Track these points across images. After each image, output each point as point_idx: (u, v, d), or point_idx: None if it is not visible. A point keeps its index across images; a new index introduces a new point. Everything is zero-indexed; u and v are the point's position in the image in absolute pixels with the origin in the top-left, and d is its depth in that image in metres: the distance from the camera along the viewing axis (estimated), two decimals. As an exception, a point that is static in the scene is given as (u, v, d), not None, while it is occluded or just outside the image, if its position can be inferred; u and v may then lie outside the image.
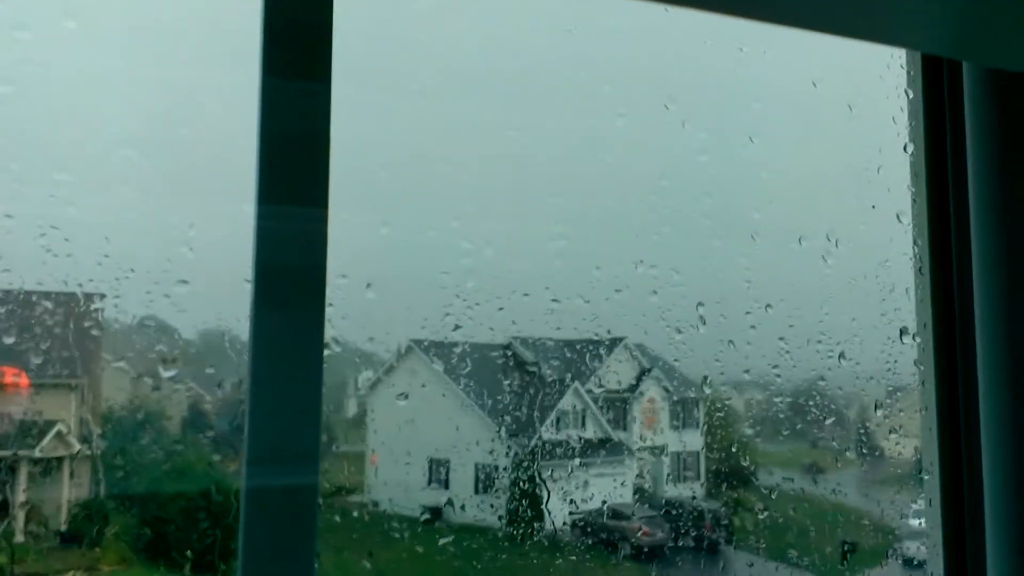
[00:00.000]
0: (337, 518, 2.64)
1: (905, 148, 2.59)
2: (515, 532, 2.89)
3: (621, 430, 3.26)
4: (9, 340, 2.14)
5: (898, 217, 2.61)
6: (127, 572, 2.44)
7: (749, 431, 3.12)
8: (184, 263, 2.00)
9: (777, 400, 2.85)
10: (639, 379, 3.25)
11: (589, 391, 3.14)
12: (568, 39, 2.71)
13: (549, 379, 2.99)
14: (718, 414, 3.16)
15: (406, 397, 2.83)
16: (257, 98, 1.63)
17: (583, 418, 3.14)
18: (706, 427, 3.28)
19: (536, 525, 2.91)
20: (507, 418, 2.99)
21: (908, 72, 2.63)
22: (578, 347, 2.97)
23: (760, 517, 3.11)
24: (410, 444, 2.87)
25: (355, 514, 2.73)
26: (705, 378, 2.81)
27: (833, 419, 2.95)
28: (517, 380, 2.97)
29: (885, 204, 2.67)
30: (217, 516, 2.49)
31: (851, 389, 2.85)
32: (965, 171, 2.43)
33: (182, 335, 2.06)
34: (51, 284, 1.94)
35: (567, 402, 3.09)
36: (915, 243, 2.53)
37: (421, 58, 2.56)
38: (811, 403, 2.92)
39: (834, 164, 2.99)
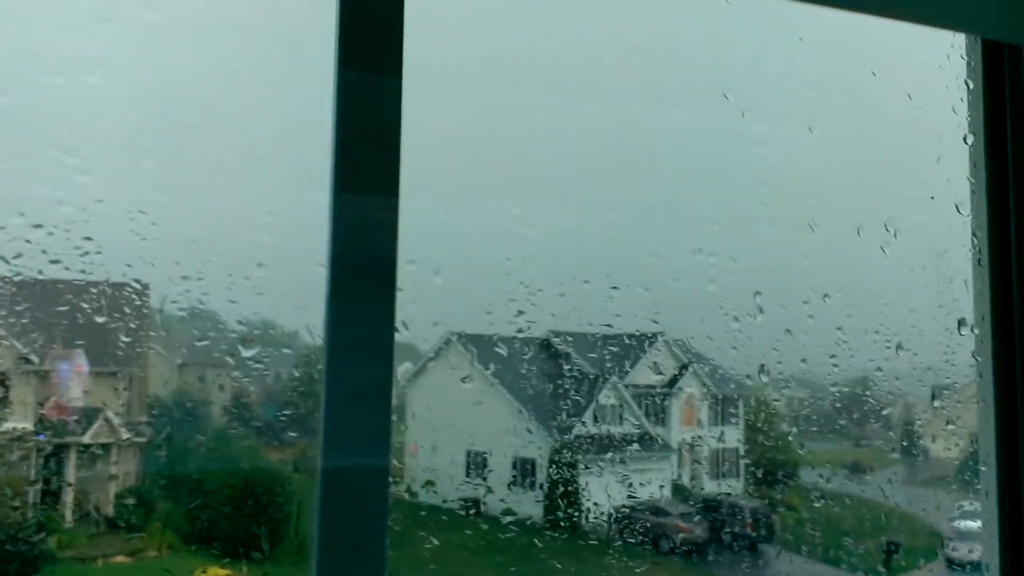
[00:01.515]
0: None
1: (965, 139, 2.58)
2: (553, 526, 2.90)
3: (661, 425, 3.27)
4: (59, 329, 2.20)
5: (957, 208, 2.60)
6: (172, 558, 2.47)
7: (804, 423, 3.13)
8: (262, 248, 2.05)
9: (833, 389, 2.86)
10: (679, 375, 3.27)
11: (628, 386, 3.15)
12: (628, 28, 2.73)
13: (587, 374, 3.00)
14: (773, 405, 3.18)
15: (466, 380, 2.86)
16: (332, 90, 1.67)
17: (621, 413, 3.15)
18: (760, 417, 3.30)
19: (574, 519, 2.92)
20: (546, 412, 3.00)
21: (968, 62, 2.62)
22: (617, 341, 2.98)
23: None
24: (450, 436, 2.89)
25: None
26: (762, 367, 2.82)
27: (889, 409, 2.96)
28: (556, 375, 2.98)
29: (944, 195, 2.66)
30: (266, 504, 2.52)
31: (908, 380, 2.85)
32: (1025, 163, 2.42)
33: (261, 316, 2.11)
34: (139, 267, 2.00)
35: (605, 397, 3.09)
36: (974, 234, 2.53)
37: (488, 50, 2.59)
38: (867, 393, 2.93)
39: (893, 154, 2.98)
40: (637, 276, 2.70)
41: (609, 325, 2.80)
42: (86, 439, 2.49)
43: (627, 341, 3.02)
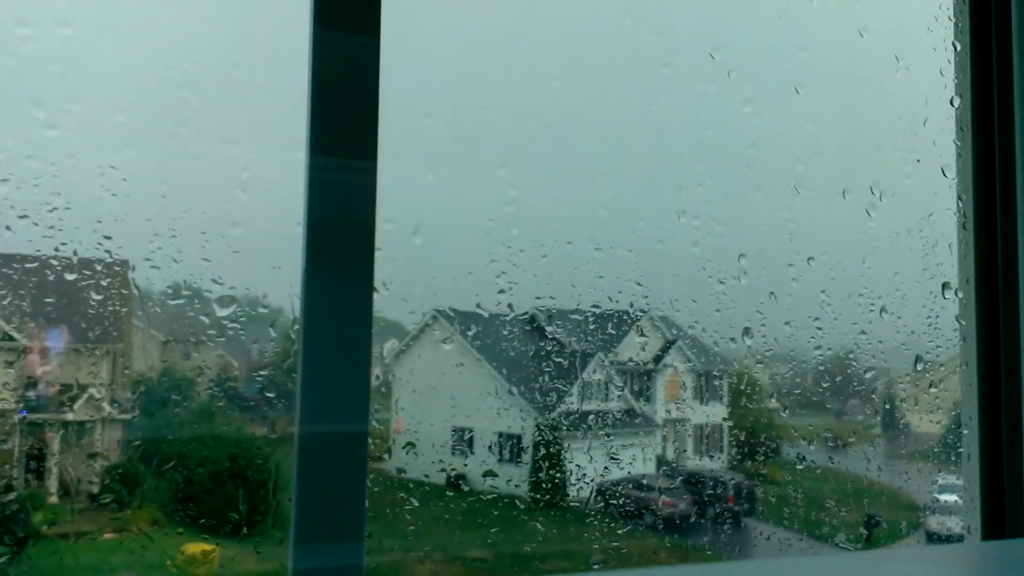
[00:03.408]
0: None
1: (952, 101, 2.57)
2: (538, 500, 2.91)
3: (646, 401, 3.27)
4: (40, 305, 2.17)
5: (943, 171, 2.59)
6: (158, 533, 2.46)
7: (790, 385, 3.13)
8: (238, 205, 2.03)
9: (817, 352, 2.85)
10: (664, 351, 3.27)
11: (614, 362, 3.15)
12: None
13: (574, 350, 3.00)
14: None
15: (449, 345, 2.85)
16: (308, 50, 1.64)
17: (607, 389, 3.15)
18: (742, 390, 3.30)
19: (559, 494, 2.93)
20: (532, 388, 3.00)
21: (956, 24, 2.60)
22: (604, 317, 2.98)
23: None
24: (434, 412, 2.89)
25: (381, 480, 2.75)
26: (746, 329, 2.81)
27: (873, 373, 2.95)
28: (542, 351, 2.98)
29: (930, 158, 2.65)
30: (248, 479, 2.51)
31: (891, 344, 2.84)
32: (1012, 125, 2.41)
33: (235, 276, 2.08)
34: (109, 223, 1.97)
35: (591, 373, 3.09)
36: (959, 198, 2.52)
37: (466, 10, 2.56)
38: (851, 356, 2.92)
39: (879, 116, 2.96)
40: (620, 238, 2.69)
41: (592, 288, 2.78)
42: (69, 416, 2.48)
43: (614, 317, 3.01)
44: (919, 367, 2.84)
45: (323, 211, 1.60)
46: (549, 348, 2.93)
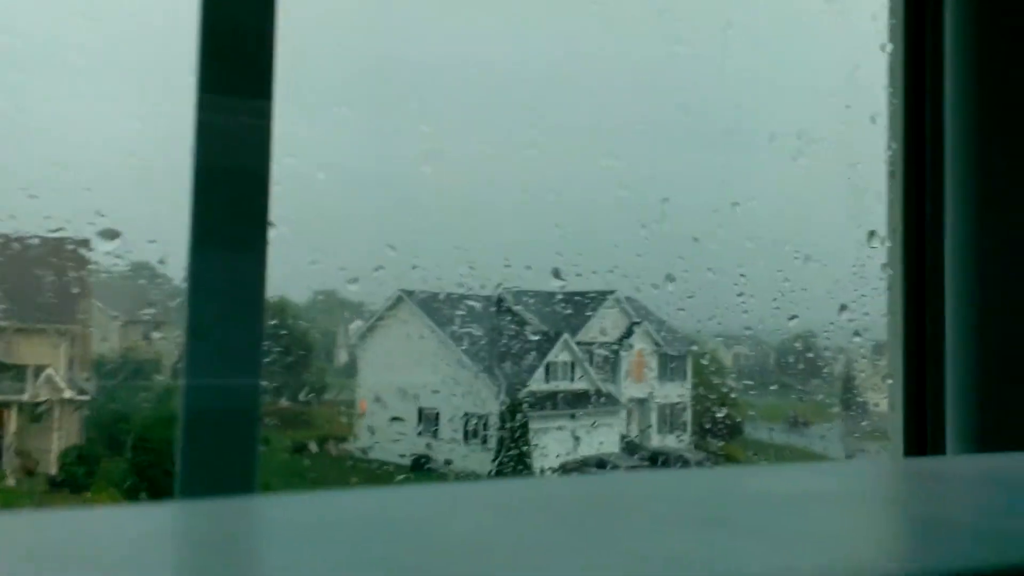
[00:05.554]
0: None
1: (883, 47, 2.53)
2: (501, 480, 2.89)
3: (611, 382, 3.27)
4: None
5: (872, 119, 2.55)
6: None
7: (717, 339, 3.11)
8: (128, 146, 1.92)
9: (740, 300, 2.81)
10: (628, 332, 3.25)
11: (579, 343, 3.14)
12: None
13: (539, 330, 2.99)
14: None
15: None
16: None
17: (571, 370, 3.14)
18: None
19: (523, 474, 2.92)
20: (497, 369, 2.98)
21: (889, -32, 2.56)
22: (569, 298, 2.96)
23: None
24: (399, 393, 2.88)
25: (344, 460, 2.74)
26: (669, 275, 2.76)
27: (797, 321, 2.92)
28: (507, 332, 2.97)
29: (860, 104, 2.61)
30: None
31: (816, 291, 2.81)
32: (942, 74, 2.37)
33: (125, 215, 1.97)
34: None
35: (555, 354, 3.08)
36: (889, 146, 2.49)
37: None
38: (775, 303, 2.89)
39: (809, 62, 2.92)
40: (545, 184, 2.63)
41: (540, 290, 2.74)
42: (26, 397, 2.43)
43: (578, 298, 3.00)
44: (843, 315, 2.82)
45: (213, 152, 1.51)
46: (462, 293, 2.89)
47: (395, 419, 2.84)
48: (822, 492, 0.88)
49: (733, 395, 3.46)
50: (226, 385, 1.46)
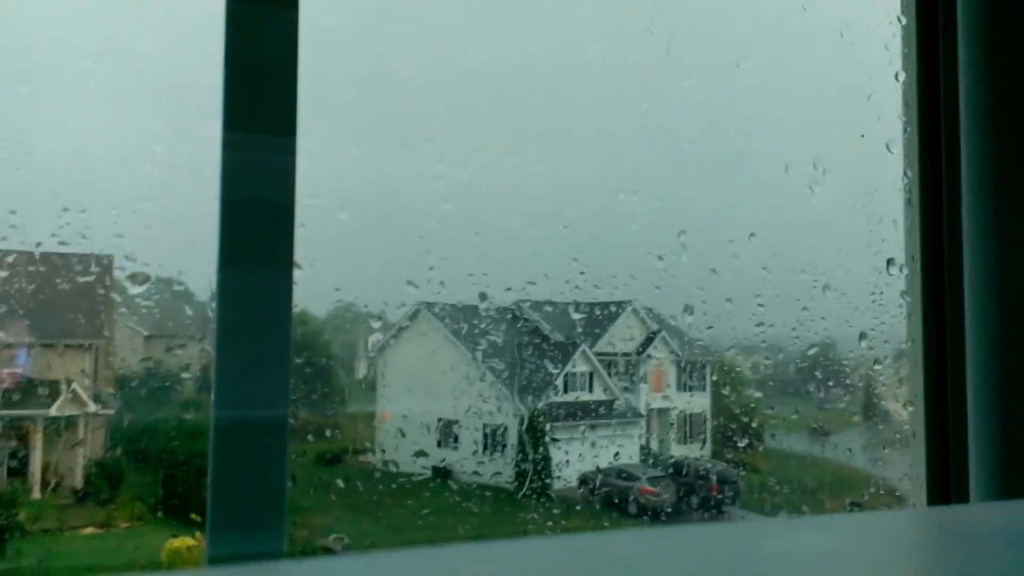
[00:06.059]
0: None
1: (897, 76, 2.54)
2: (522, 491, 2.88)
3: (630, 392, 3.25)
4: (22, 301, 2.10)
5: (888, 147, 2.56)
6: (142, 528, 2.44)
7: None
8: (150, 180, 1.93)
9: (759, 329, 2.81)
10: (647, 342, 3.25)
11: (597, 353, 3.13)
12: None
13: (558, 342, 2.99)
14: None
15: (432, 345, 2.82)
16: (223, 21, 1.56)
17: (591, 380, 3.13)
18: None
19: (544, 484, 2.91)
20: (517, 380, 2.98)
21: (901, -3, 2.57)
22: (587, 309, 2.96)
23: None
24: (419, 403, 2.88)
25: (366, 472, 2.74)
26: (687, 306, 2.76)
27: (816, 350, 2.92)
28: (527, 343, 2.97)
29: (875, 133, 2.61)
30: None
31: (835, 320, 2.81)
32: (957, 101, 2.38)
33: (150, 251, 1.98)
34: (12, 197, 1.87)
35: (575, 364, 3.08)
36: (905, 173, 2.49)
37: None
38: (794, 332, 2.88)
39: (823, 91, 2.92)
40: (557, 214, 2.63)
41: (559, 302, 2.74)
42: (53, 411, 2.44)
43: (597, 309, 3.00)
44: (863, 343, 2.81)
45: (239, 191, 1.52)
46: (484, 326, 2.89)
47: (415, 428, 2.85)
48: (850, 551, 0.86)
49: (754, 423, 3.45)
50: (254, 417, 1.47)
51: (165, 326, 2.27)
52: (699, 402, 3.37)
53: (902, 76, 2.52)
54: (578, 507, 2.88)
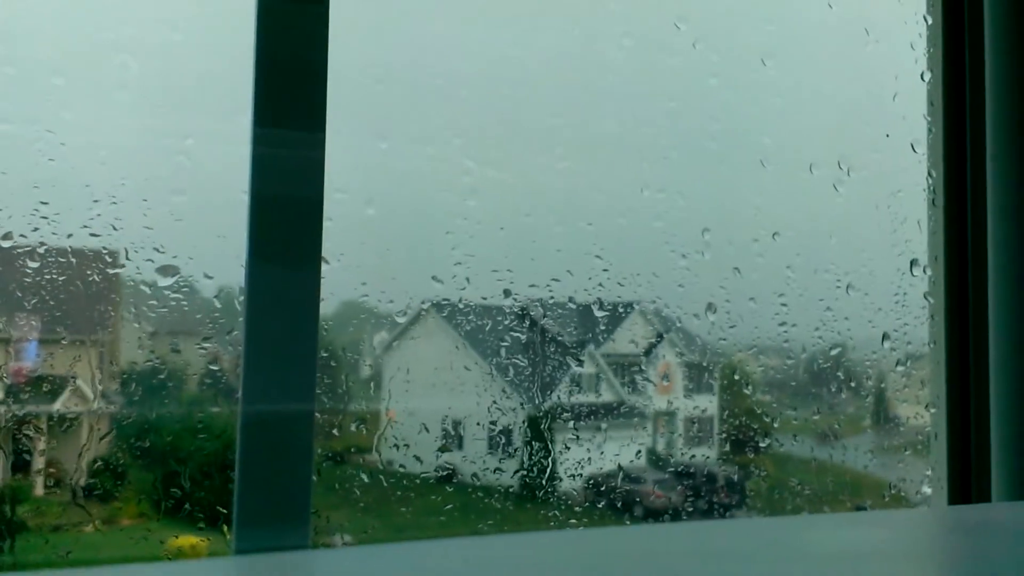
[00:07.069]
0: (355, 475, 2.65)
1: (922, 76, 2.54)
2: (527, 493, 2.88)
3: (637, 393, 3.25)
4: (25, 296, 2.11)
5: (913, 147, 2.56)
6: (146, 525, 2.45)
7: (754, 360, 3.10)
8: (181, 173, 1.95)
9: (782, 329, 2.81)
10: (655, 343, 3.24)
11: (604, 354, 3.13)
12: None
13: (565, 343, 2.98)
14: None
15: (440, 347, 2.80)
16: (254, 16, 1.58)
17: (597, 382, 3.13)
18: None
19: (549, 487, 2.91)
20: (522, 380, 2.98)
21: (927, -4, 2.57)
22: (596, 310, 2.96)
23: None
24: (425, 403, 2.88)
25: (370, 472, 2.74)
26: (710, 305, 2.76)
27: (839, 351, 2.91)
28: (533, 343, 2.96)
29: (900, 133, 2.61)
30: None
31: (858, 320, 2.80)
32: (983, 101, 2.38)
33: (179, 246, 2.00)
34: (46, 188, 1.88)
35: (582, 365, 3.08)
36: (929, 174, 2.49)
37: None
38: (817, 332, 2.88)
39: (848, 90, 2.92)
40: (580, 212, 2.63)
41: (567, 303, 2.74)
42: (56, 407, 2.45)
43: (605, 310, 2.99)
44: (886, 344, 2.81)
45: (269, 186, 1.54)
46: (507, 323, 2.89)
47: (420, 428, 2.85)
48: (871, 548, 0.87)
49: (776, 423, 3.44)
50: (281, 410, 1.48)
51: (192, 319, 2.28)
52: (706, 402, 3.37)
53: (928, 76, 2.52)
54: (581, 509, 2.88)
